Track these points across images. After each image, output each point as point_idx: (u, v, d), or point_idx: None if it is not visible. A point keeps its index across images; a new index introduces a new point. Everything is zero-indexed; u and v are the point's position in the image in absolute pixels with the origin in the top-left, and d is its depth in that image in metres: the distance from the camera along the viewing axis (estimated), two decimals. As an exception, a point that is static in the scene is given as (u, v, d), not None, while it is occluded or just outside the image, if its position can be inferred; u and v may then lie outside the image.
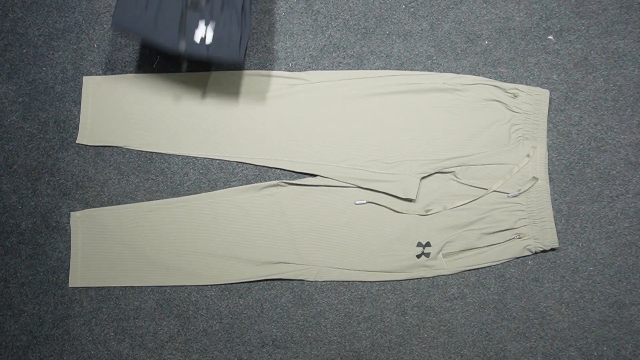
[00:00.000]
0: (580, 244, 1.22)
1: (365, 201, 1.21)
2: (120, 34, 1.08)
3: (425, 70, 1.25)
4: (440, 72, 1.25)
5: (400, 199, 1.21)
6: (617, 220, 1.22)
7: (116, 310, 1.23)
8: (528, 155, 1.21)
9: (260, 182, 1.24)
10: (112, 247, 1.23)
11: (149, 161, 1.25)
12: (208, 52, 1.10)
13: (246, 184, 1.24)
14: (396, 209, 1.21)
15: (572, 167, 1.23)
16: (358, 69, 1.26)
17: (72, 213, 1.24)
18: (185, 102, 1.24)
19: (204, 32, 1.10)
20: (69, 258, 1.24)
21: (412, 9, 1.27)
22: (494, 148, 1.21)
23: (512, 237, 1.20)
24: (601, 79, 1.24)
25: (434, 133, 1.22)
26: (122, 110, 1.25)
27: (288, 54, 1.26)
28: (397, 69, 1.26)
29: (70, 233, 1.24)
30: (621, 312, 1.21)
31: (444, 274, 1.21)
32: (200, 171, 1.24)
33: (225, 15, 1.10)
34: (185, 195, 1.24)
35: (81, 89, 1.26)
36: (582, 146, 1.24)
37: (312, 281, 1.22)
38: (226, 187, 1.24)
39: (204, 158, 1.24)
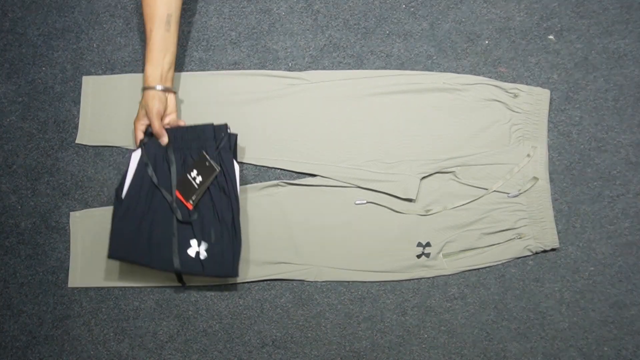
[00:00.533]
0: (581, 244, 1.22)
1: (365, 201, 1.21)
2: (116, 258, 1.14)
3: (425, 70, 1.25)
4: (441, 72, 1.25)
5: (400, 199, 1.21)
6: (617, 221, 1.22)
7: (116, 310, 1.23)
8: (528, 155, 1.20)
9: (260, 182, 1.24)
10: (111, 247, 1.23)
11: (148, 161, 1.25)
12: (204, 269, 1.12)
13: (246, 184, 1.24)
14: (396, 209, 1.20)
15: (573, 167, 1.23)
16: (358, 69, 1.26)
17: (71, 213, 1.24)
18: (185, 103, 1.24)
19: (197, 249, 1.12)
20: (69, 258, 1.24)
21: (412, 9, 1.27)
22: (494, 148, 1.21)
23: (513, 237, 1.20)
24: (602, 79, 1.24)
25: (434, 133, 1.22)
26: (122, 110, 1.25)
27: (288, 54, 1.26)
28: (397, 69, 1.25)
29: (69, 233, 1.24)
30: (622, 313, 1.21)
31: (444, 274, 1.21)
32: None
33: (216, 231, 1.11)
34: (185, 195, 1.24)
35: (81, 89, 1.26)
36: (582, 146, 1.23)
37: (312, 281, 1.22)
38: (226, 187, 1.24)
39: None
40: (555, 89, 1.24)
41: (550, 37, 1.25)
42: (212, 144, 1.12)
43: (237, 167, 1.13)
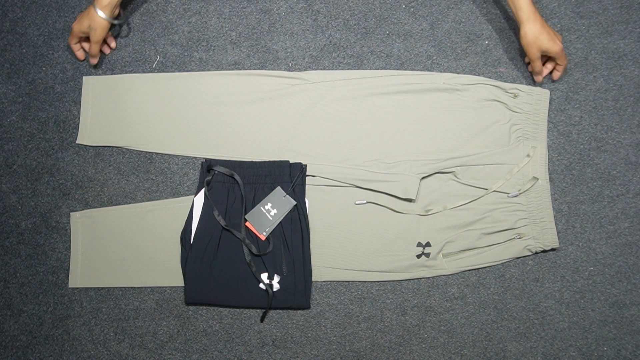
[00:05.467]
0: (581, 244, 1.22)
1: (365, 201, 1.21)
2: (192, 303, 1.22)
3: (425, 70, 1.25)
4: (440, 72, 1.25)
5: (400, 199, 1.21)
6: (617, 220, 1.22)
7: (116, 310, 1.23)
8: (528, 155, 1.20)
9: (260, 182, 1.24)
10: (112, 247, 1.23)
11: (149, 161, 1.25)
12: (277, 301, 1.17)
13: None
14: (396, 209, 1.20)
15: (573, 167, 1.23)
16: (358, 69, 1.26)
17: (71, 213, 1.24)
18: (186, 102, 1.24)
19: (269, 281, 1.17)
20: (69, 258, 1.24)
21: (412, 9, 1.27)
22: (494, 148, 1.21)
23: (512, 237, 1.20)
24: (601, 79, 1.24)
25: (434, 133, 1.22)
26: (122, 110, 1.25)
27: (288, 54, 1.26)
28: (397, 69, 1.26)
29: (70, 233, 1.24)
30: (621, 312, 1.21)
31: (444, 274, 1.21)
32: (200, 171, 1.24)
33: (287, 263, 1.16)
34: (185, 195, 1.24)
35: (81, 89, 1.26)
36: (582, 146, 1.23)
37: (312, 281, 1.22)
38: (226, 187, 1.24)
39: (204, 158, 1.24)
40: (555, 89, 1.24)
41: (550, 37, 1.25)
42: (287, 180, 1.18)
43: (307, 201, 1.19)
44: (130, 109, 1.25)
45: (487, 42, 1.26)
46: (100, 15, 1.15)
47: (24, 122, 1.27)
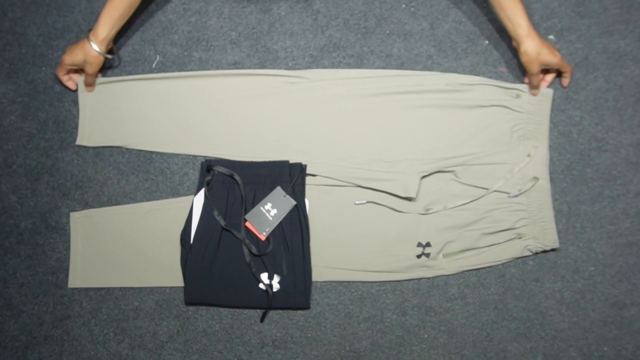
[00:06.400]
0: (581, 244, 1.22)
1: (365, 201, 1.21)
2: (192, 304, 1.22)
3: (425, 70, 1.25)
4: (441, 72, 1.25)
5: (400, 197, 1.21)
6: (617, 221, 1.22)
7: (115, 310, 1.23)
8: (529, 155, 1.20)
9: (260, 182, 1.24)
10: (111, 247, 1.23)
11: (148, 161, 1.25)
12: (277, 302, 1.17)
13: (246, 184, 1.24)
14: (396, 208, 1.20)
15: (573, 167, 1.23)
16: (358, 69, 1.25)
17: (71, 214, 1.24)
18: (185, 102, 1.24)
19: (269, 282, 1.16)
20: (69, 258, 1.24)
21: (412, 9, 1.27)
22: (494, 147, 1.21)
23: (513, 237, 1.20)
24: (602, 79, 1.24)
25: (434, 132, 1.22)
26: (121, 110, 1.25)
27: (288, 53, 1.26)
28: (397, 69, 1.25)
29: (69, 233, 1.24)
30: (622, 313, 1.21)
31: (444, 274, 1.21)
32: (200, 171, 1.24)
33: (287, 263, 1.16)
34: (185, 195, 1.24)
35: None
36: (582, 146, 1.23)
37: (312, 281, 1.22)
38: (226, 187, 1.24)
39: (204, 158, 1.24)
40: (556, 88, 1.24)
41: (551, 37, 1.25)
42: (287, 180, 1.18)
43: (307, 201, 1.19)
44: (130, 109, 1.25)
45: (487, 42, 1.26)
46: (96, 49, 1.14)
47: (23, 122, 1.26)
